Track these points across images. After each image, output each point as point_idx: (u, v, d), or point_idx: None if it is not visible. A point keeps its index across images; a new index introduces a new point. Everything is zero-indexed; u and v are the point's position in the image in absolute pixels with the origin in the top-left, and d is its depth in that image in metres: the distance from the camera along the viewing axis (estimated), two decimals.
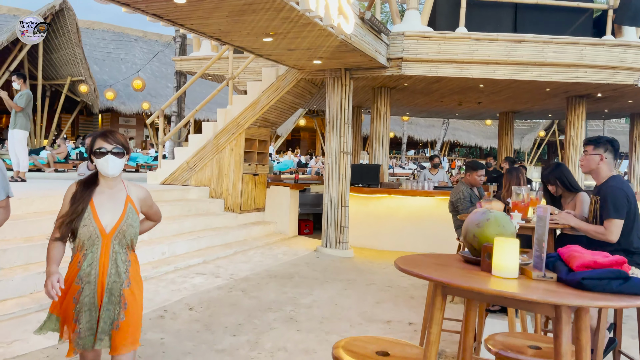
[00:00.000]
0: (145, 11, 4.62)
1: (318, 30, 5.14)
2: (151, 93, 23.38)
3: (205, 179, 8.13)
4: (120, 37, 26.73)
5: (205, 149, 8.08)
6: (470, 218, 1.79)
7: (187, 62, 9.44)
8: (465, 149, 43.24)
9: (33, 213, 5.15)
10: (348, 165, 7.34)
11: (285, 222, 8.40)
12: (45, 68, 18.84)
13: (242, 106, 7.88)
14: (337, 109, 7.27)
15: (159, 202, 6.97)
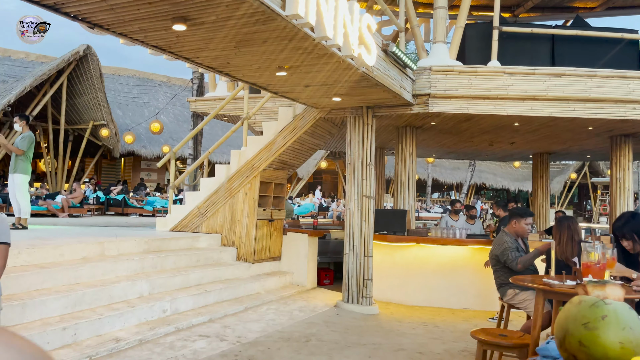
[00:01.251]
0: (144, 42, 4.18)
1: (336, 62, 4.62)
2: (173, 137, 23.35)
3: (217, 226, 7.55)
4: (145, 83, 27.12)
5: (217, 194, 7.54)
6: (569, 312, 1.12)
7: (203, 102, 9.07)
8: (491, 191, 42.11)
9: (18, 267, 4.60)
10: (371, 211, 6.67)
11: (303, 273, 7.70)
12: (68, 113, 18.96)
13: (257, 147, 7.37)
14: (359, 150, 6.69)
15: (163, 252, 6.41)
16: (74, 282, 4.84)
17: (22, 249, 4.69)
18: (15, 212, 7.09)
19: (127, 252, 5.90)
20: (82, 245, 5.35)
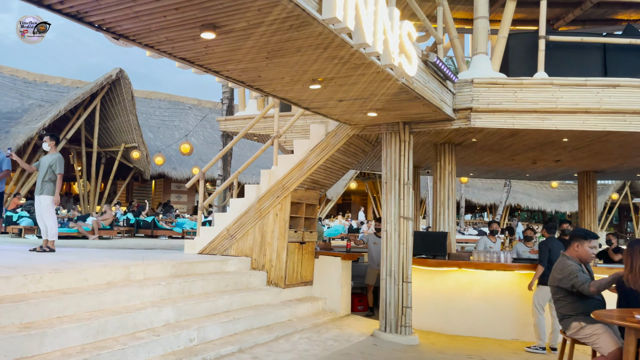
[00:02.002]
0: (172, 54, 3.96)
1: (374, 72, 4.31)
2: (202, 158, 23.43)
3: (247, 248, 7.24)
4: (175, 106, 27.48)
5: (247, 215, 7.26)
6: None
7: (232, 122, 8.89)
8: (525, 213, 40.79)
9: (40, 293, 4.36)
10: (410, 233, 6.25)
11: (336, 298, 7.29)
12: (101, 135, 19.22)
13: (288, 166, 7.08)
14: (396, 168, 6.31)
15: (191, 276, 6.11)
16: (97, 308, 4.57)
17: (44, 274, 4.46)
18: (42, 234, 6.95)
19: (153, 277, 5.63)
20: (107, 269, 5.10)
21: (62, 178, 6.81)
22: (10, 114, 18.95)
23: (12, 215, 12.57)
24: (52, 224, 6.84)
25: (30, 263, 5.22)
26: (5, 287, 4.12)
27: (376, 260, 8.65)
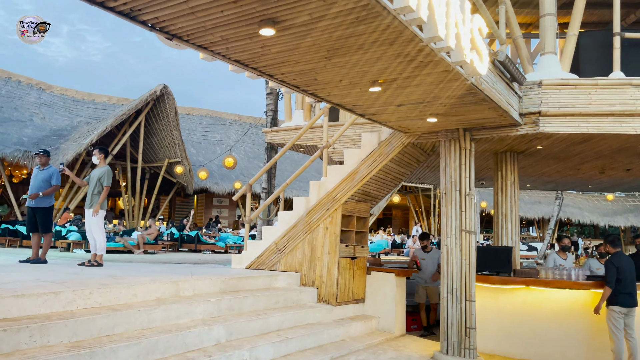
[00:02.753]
0: (226, 56, 3.73)
1: (442, 72, 3.95)
2: (244, 173, 23.47)
3: (296, 263, 6.94)
4: (217, 121, 27.78)
5: (296, 228, 6.96)
6: None
7: (278, 133, 8.68)
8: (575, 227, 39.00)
9: (89, 309, 4.17)
10: (472, 248, 5.80)
11: (390, 317, 6.86)
12: (145, 151, 19.51)
13: (339, 178, 6.76)
14: (456, 178, 5.89)
15: (240, 292, 5.83)
16: (147, 326, 4.34)
17: (94, 289, 4.27)
18: (91, 248, 6.87)
19: (202, 293, 5.38)
20: (156, 284, 4.89)
21: (107, 190, 6.72)
22: (60, 131, 19.51)
23: (61, 229, 12.75)
24: (101, 238, 6.74)
25: (79, 278, 5.07)
26: (54, 303, 3.94)
27: (425, 277, 8.19)
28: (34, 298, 3.80)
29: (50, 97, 22.64)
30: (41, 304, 3.85)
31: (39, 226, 6.90)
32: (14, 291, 3.82)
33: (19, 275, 5.08)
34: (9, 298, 3.65)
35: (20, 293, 3.74)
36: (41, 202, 6.81)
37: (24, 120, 19.59)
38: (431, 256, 8.32)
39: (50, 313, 3.87)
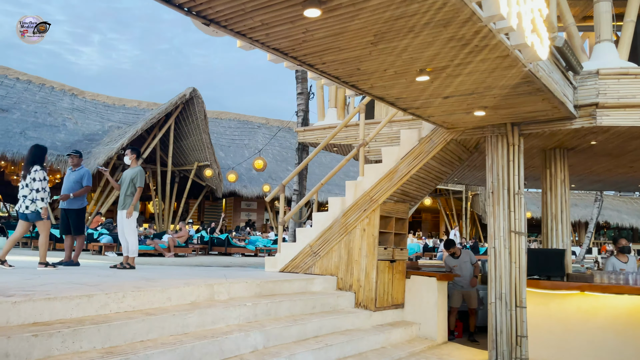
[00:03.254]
0: (265, 44, 3.49)
1: (498, 57, 3.63)
2: (272, 176, 23.36)
3: (332, 267, 6.66)
4: (245, 125, 27.79)
5: (331, 230, 6.69)
6: None
7: (311, 132, 8.44)
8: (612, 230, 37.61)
9: (122, 313, 3.98)
10: (523, 250, 5.42)
11: (431, 324, 6.51)
12: (175, 154, 19.57)
13: (376, 177, 6.47)
14: (504, 176, 5.53)
15: (276, 296, 5.58)
16: (182, 331, 4.13)
17: (127, 292, 4.08)
18: (123, 250, 6.74)
19: (237, 296, 5.16)
20: (190, 288, 4.68)
21: (140, 192, 6.59)
22: (92, 135, 19.76)
23: (93, 232, 12.78)
24: (133, 240, 6.60)
25: (112, 280, 4.90)
26: (87, 306, 3.76)
27: (462, 281, 7.80)
28: (66, 301, 3.62)
29: (82, 103, 23.00)
30: (73, 308, 3.67)
31: (72, 228, 6.81)
32: (46, 294, 3.65)
33: (51, 277, 4.95)
34: (41, 301, 3.48)
35: (52, 296, 3.57)
36: (73, 204, 6.73)
37: (57, 125, 19.91)
38: (463, 260, 7.93)
39: (83, 317, 3.69)
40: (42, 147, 6.28)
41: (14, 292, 3.71)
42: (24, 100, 20.76)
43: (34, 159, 6.10)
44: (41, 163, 6.16)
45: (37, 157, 6.13)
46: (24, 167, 6.07)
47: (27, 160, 6.08)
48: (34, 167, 6.04)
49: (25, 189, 6.00)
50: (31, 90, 21.74)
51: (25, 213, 6.00)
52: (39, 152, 6.18)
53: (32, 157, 6.10)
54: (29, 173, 6.02)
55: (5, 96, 20.25)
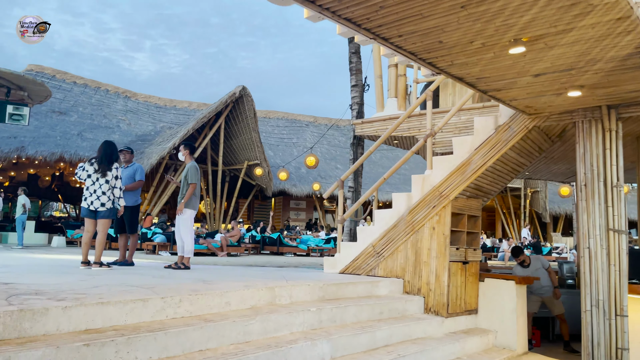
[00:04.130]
0: (336, 13, 3.03)
1: (612, 20, 3.02)
2: (321, 174, 23.00)
3: (397, 268, 6.14)
4: (293, 124, 27.59)
5: (396, 228, 6.17)
6: None
7: (370, 125, 7.93)
8: None
9: (179, 319, 3.63)
10: (624, 251, 4.71)
11: (509, 332, 5.87)
12: (225, 154, 19.52)
13: (446, 170, 5.90)
14: (599, 166, 4.84)
15: (341, 300, 5.11)
16: (243, 339, 3.74)
17: (184, 296, 3.73)
18: (178, 250, 6.47)
19: (300, 300, 4.74)
20: (250, 291, 4.29)
21: (193, 188, 6.29)
22: (144, 136, 20.03)
23: (147, 231, 12.78)
24: (189, 239, 6.32)
25: (167, 282, 4.59)
26: (142, 311, 3.43)
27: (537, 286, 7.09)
28: (120, 306, 3.30)
29: (135, 105, 23.45)
30: (128, 313, 3.34)
31: (126, 226, 6.62)
32: (98, 297, 3.34)
33: (105, 278, 4.70)
34: (93, 306, 3.16)
35: (105, 300, 3.25)
36: (127, 200, 6.51)
37: (112, 126, 20.32)
38: (534, 268, 7.20)
39: (138, 323, 3.36)
40: (114, 143, 6.15)
41: (66, 295, 3.43)
42: (80, 103, 21.34)
43: (116, 156, 6.00)
44: (118, 159, 6.03)
45: (115, 153, 6.00)
46: (101, 163, 5.87)
47: (108, 157, 5.89)
48: (115, 164, 5.91)
49: (104, 186, 5.81)
50: (87, 93, 22.34)
51: (99, 210, 5.81)
52: (115, 149, 6.07)
53: (114, 153, 5.98)
54: (110, 170, 5.85)
55: (63, 100, 20.86)
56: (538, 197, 25.08)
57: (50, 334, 2.95)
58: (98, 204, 5.81)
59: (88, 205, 5.84)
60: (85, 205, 5.86)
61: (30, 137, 16.42)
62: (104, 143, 6.07)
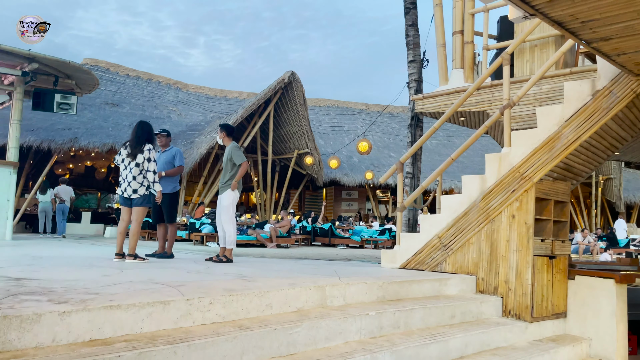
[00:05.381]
0: None
1: None
2: (374, 163, 22.10)
3: (469, 263, 5.26)
4: (344, 112, 26.80)
5: (467, 217, 5.28)
6: None
7: (432, 100, 7.00)
8: None
9: (209, 326, 2.96)
10: None
11: (607, 340, 4.88)
12: (275, 143, 19.03)
13: (529, 147, 4.94)
14: None
15: (403, 301, 4.06)
16: (287, 352, 3.03)
17: (215, 297, 3.05)
18: (220, 241, 5.88)
19: (356, 302, 3.99)
20: (296, 290, 3.58)
21: (247, 165, 5.63)
22: (195, 126, 19.84)
23: (195, 222, 12.42)
24: (231, 229, 5.70)
25: (201, 279, 3.96)
26: (162, 316, 2.78)
27: None
28: (134, 310, 2.66)
29: (186, 95, 23.41)
30: (144, 319, 2.70)
31: (165, 215, 6.09)
32: (109, 299, 2.72)
33: (130, 274, 4.12)
34: (100, 310, 2.54)
35: (116, 303, 2.63)
36: (165, 187, 5.98)
37: (163, 117, 20.28)
38: None
39: (156, 332, 2.71)
40: (149, 123, 5.53)
41: (74, 294, 2.84)
42: (133, 95, 21.47)
43: (147, 136, 5.36)
44: (152, 141, 5.44)
45: (148, 133, 5.38)
46: (131, 146, 5.33)
47: (137, 138, 5.31)
48: (147, 146, 5.30)
49: (135, 170, 5.26)
50: (140, 85, 22.48)
51: (132, 197, 5.29)
52: (148, 129, 5.42)
53: (144, 134, 5.33)
54: (141, 152, 5.28)
55: (117, 92, 21.05)
56: (611, 185, 23.05)
57: (43, 347, 2.34)
58: (130, 191, 5.29)
59: (122, 192, 5.34)
60: (120, 192, 5.36)
61: (83, 129, 16.53)
62: (137, 123, 5.52)
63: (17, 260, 5.01)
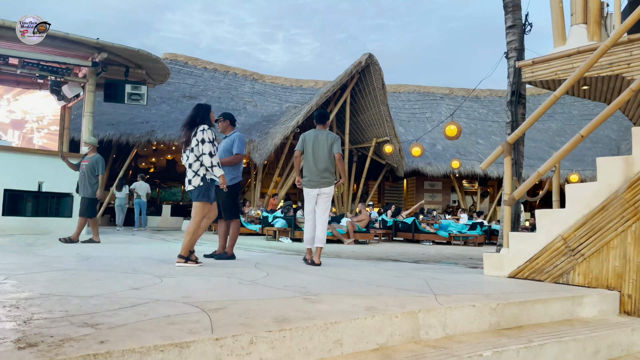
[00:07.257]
0: None
1: None
2: (459, 151, 20.43)
3: (608, 274, 3.94)
4: (426, 97, 25.18)
5: (604, 212, 3.96)
6: None
7: (545, 65, 5.60)
8: None
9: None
10: None
11: None
12: (352, 131, 18.04)
13: None
14: None
15: (524, 329, 2.32)
16: None
17: (259, 332, 2.11)
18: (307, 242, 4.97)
19: (460, 332, 2.88)
20: (376, 319, 2.55)
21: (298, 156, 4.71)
22: (270, 116, 19.34)
23: (268, 215, 11.75)
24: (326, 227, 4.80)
25: (250, 297, 3.05)
26: None
27: None
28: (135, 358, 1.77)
29: (262, 86, 23.03)
30: None
31: (223, 210, 5.31)
32: (103, 338, 1.86)
33: (169, 285, 3.28)
34: None
35: (104, 349, 1.75)
36: None
37: (239, 108, 19.97)
38: None
39: None
40: (206, 105, 4.74)
41: (61, 327, 2.02)
42: (210, 87, 21.40)
43: (201, 118, 4.58)
44: (209, 122, 4.67)
45: (202, 115, 4.59)
46: (185, 131, 4.61)
47: (190, 119, 4.59)
48: (201, 127, 4.53)
49: (191, 156, 4.51)
50: (217, 77, 22.39)
51: (189, 190, 4.56)
52: (202, 110, 4.63)
53: (197, 116, 4.56)
54: (195, 134, 4.53)
55: (194, 85, 21.06)
56: None
57: None
58: (186, 182, 4.55)
59: (186, 185, 4.62)
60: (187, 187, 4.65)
61: (160, 122, 16.53)
62: (194, 106, 4.76)
63: (51, 264, 4.41)
